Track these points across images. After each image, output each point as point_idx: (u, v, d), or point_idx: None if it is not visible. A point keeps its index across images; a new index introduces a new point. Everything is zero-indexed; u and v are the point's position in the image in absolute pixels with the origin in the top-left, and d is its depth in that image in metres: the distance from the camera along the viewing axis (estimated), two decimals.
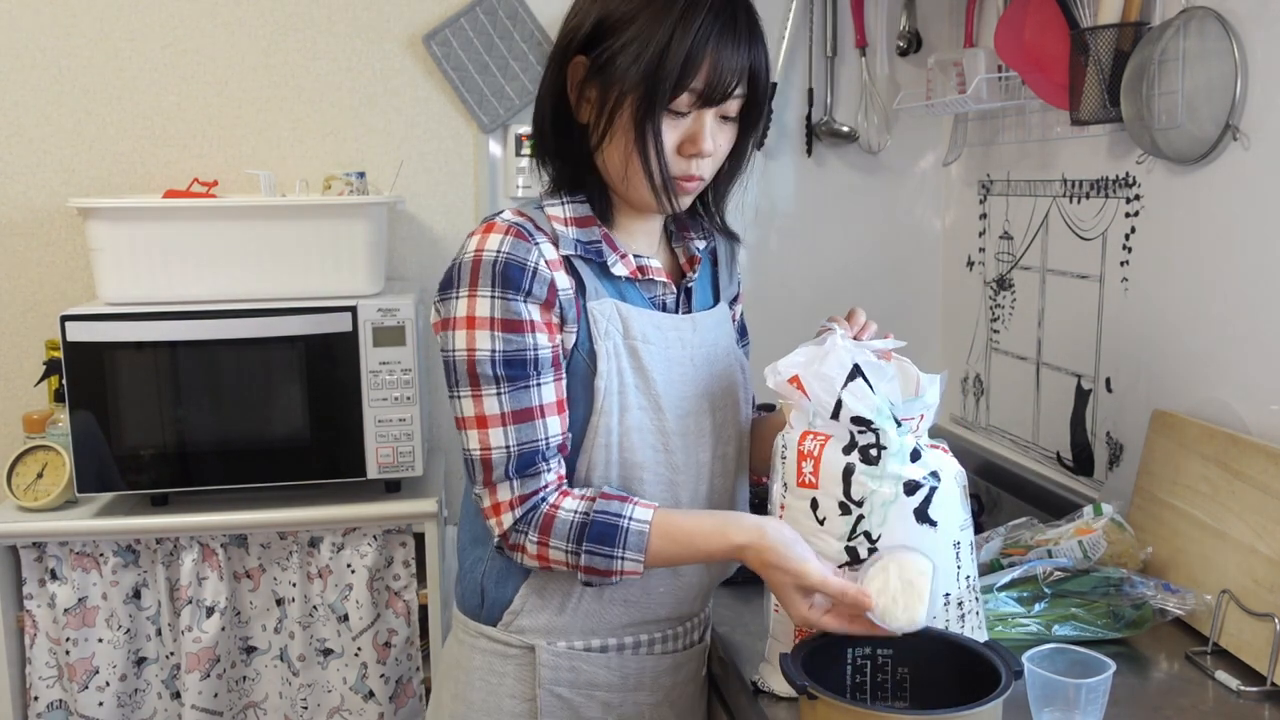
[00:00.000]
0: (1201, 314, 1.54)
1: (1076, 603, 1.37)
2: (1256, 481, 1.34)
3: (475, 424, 1.17)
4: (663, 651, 1.30)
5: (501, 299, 1.15)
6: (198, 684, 1.88)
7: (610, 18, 1.16)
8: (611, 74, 1.15)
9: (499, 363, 1.15)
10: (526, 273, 1.16)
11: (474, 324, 1.16)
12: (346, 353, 1.89)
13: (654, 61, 1.13)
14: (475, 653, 1.27)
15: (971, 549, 1.20)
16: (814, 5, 2.22)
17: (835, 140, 2.27)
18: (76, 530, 1.82)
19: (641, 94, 1.14)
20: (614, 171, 1.21)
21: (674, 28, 1.12)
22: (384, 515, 1.90)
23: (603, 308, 1.21)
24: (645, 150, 1.16)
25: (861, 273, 2.34)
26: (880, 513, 1.14)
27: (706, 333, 1.30)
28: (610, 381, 1.19)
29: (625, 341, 1.21)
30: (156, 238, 1.86)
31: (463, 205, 2.26)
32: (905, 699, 1.14)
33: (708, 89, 1.15)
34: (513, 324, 1.15)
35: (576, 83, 1.20)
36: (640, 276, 1.25)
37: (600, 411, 1.19)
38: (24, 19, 2.08)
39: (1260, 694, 1.23)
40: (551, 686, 1.25)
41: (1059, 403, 1.90)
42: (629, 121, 1.16)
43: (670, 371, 1.24)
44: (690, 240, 1.34)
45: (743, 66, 1.16)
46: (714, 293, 1.37)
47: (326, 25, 2.17)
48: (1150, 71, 1.52)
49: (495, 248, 1.16)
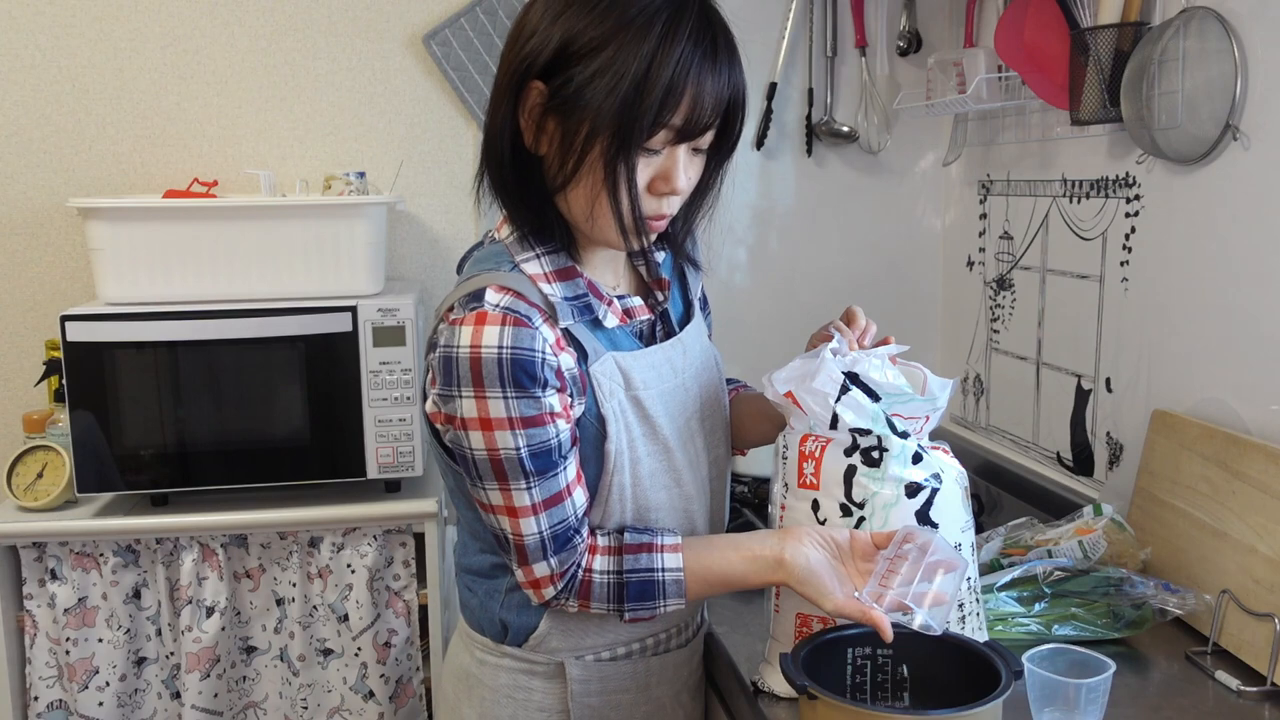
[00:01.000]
0: (1201, 314, 1.54)
1: (1076, 603, 1.37)
2: (1256, 481, 1.34)
3: (506, 513, 1.14)
4: (677, 646, 1.33)
5: (517, 399, 1.08)
6: (198, 684, 1.88)
7: (575, 42, 1.04)
8: (578, 107, 1.04)
9: (526, 459, 1.10)
10: (537, 364, 1.07)
11: (491, 425, 1.08)
12: (346, 353, 1.89)
13: (629, 96, 1.02)
14: (500, 671, 1.26)
15: (973, 549, 1.20)
16: (814, 5, 2.22)
17: (835, 140, 2.27)
18: (76, 530, 1.82)
19: (614, 131, 1.04)
20: (578, 212, 1.12)
21: (651, 58, 1.02)
22: (384, 515, 1.90)
23: (604, 368, 1.16)
24: (616, 192, 1.07)
25: (861, 273, 2.34)
26: (882, 515, 1.14)
27: (691, 344, 1.28)
28: (620, 442, 1.17)
29: (628, 394, 1.18)
30: (156, 238, 1.86)
31: (463, 205, 2.26)
32: (905, 699, 1.14)
33: (686, 125, 1.06)
34: (533, 420, 1.09)
35: (531, 110, 1.09)
36: (627, 321, 1.23)
37: (614, 470, 1.17)
38: (24, 19, 2.08)
39: (1260, 694, 1.23)
40: (582, 698, 1.25)
41: (1059, 403, 1.90)
42: (598, 160, 1.06)
43: (671, 407, 1.23)
44: (653, 261, 1.29)
45: (724, 98, 1.07)
46: (684, 301, 1.33)
47: (326, 25, 2.17)
48: (1150, 71, 1.52)
49: (495, 343, 1.06)
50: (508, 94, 1.10)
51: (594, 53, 1.03)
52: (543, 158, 1.12)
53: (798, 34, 2.25)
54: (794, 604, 1.20)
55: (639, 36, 1.02)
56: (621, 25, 1.03)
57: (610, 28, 1.03)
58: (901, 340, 1.25)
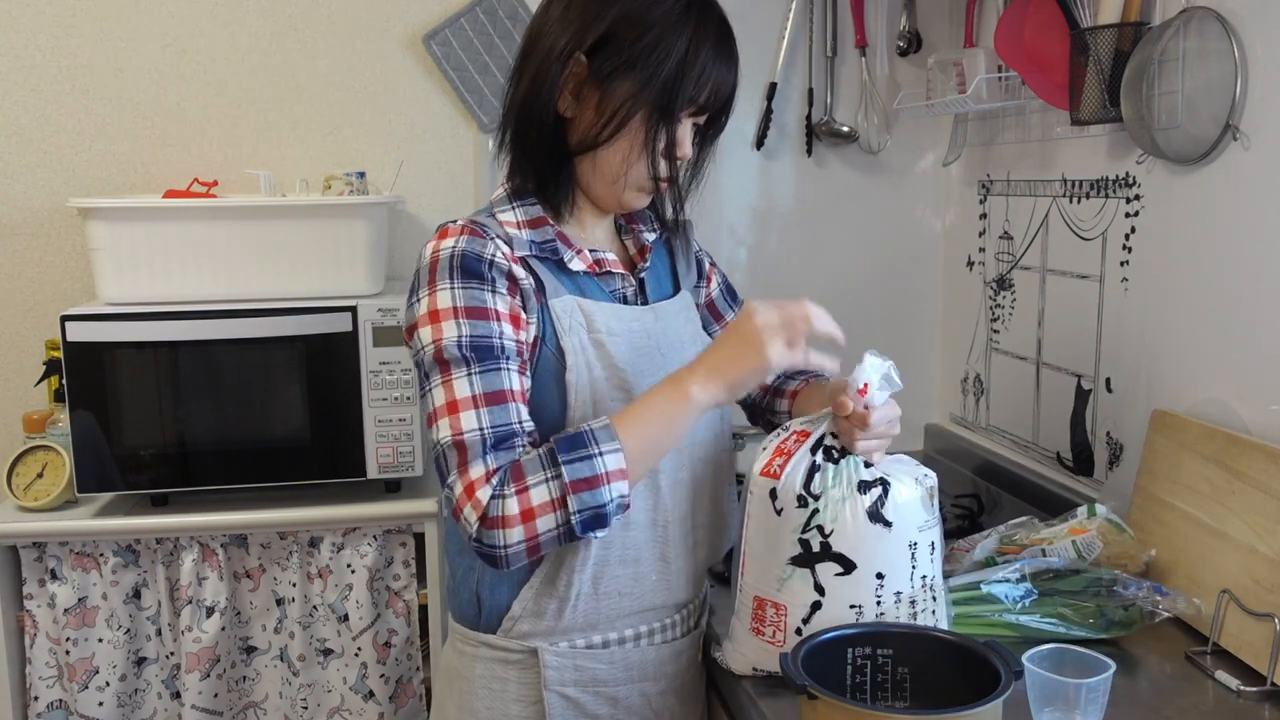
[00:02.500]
0: (1201, 314, 1.54)
1: (1065, 602, 1.37)
2: (1256, 481, 1.34)
3: (446, 410, 1.13)
4: (662, 641, 1.31)
5: (464, 289, 1.16)
6: (198, 684, 1.88)
7: (626, 22, 1.19)
8: (624, 79, 1.19)
9: (466, 345, 1.14)
10: (484, 263, 1.17)
11: (438, 317, 1.16)
12: (346, 353, 1.89)
13: (674, 73, 1.19)
14: (476, 662, 1.27)
15: (933, 549, 1.21)
16: (814, 5, 2.22)
17: (835, 140, 2.27)
18: (76, 530, 1.82)
19: (658, 102, 1.19)
20: (607, 169, 1.23)
21: (689, 41, 1.19)
22: (384, 515, 1.90)
23: (564, 304, 1.22)
24: (655, 154, 1.22)
25: (861, 273, 2.34)
26: (833, 509, 1.17)
27: (670, 320, 1.32)
28: (580, 375, 1.20)
29: (590, 335, 1.22)
30: (156, 238, 1.86)
31: (463, 205, 2.26)
32: (905, 699, 1.14)
33: (705, 102, 1.23)
34: (476, 310, 1.16)
35: (569, 79, 1.21)
36: (598, 270, 1.27)
37: (574, 405, 1.19)
38: (24, 19, 2.08)
39: (1260, 694, 1.23)
40: (558, 687, 1.25)
41: (1059, 403, 1.90)
42: (639, 126, 1.20)
43: (638, 362, 1.25)
44: (640, 232, 1.37)
45: (733, 83, 1.25)
46: (673, 282, 1.39)
47: (326, 25, 2.17)
48: (1150, 71, 1.52)
49: (451, 246, 1.18)
50: (556, 62, 1.20)
51: (643, 33, 1.18)
52: (569, 121, 1.23)
53: (798, 34, 2.24)
54: (752, 585, 1.23)
55: (680, 23, 1.19)
56: (661, 16, 1.19)
57: (658, 14, 1.19)
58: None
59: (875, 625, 1.16)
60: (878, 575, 1.17)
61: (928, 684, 1.13)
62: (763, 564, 1.22)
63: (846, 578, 1.17)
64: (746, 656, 1.26)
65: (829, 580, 1.18)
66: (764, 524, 1.22)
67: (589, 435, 1.13)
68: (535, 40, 1.23)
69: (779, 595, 1.20)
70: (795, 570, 1.19)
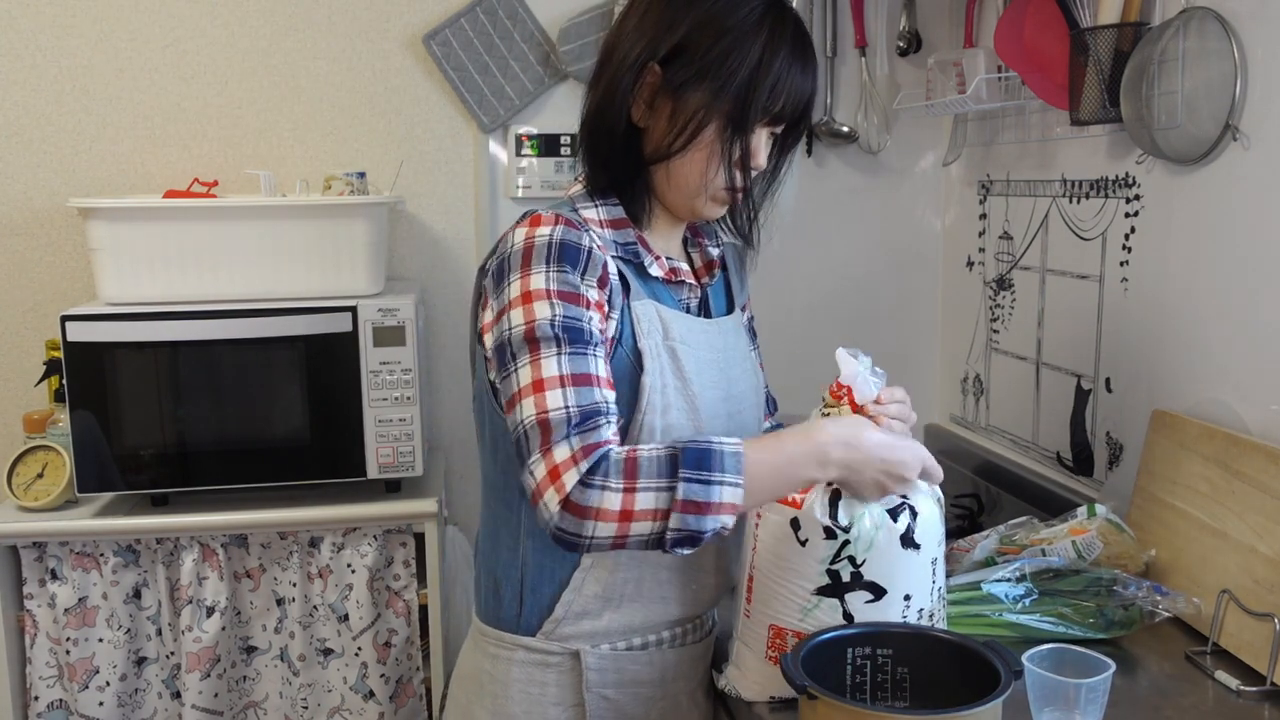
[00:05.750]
0: (1201, 314, 1.54)
1: (1065, 602, 1.37)
2: (1256, 481, 1.34)
3: (532, 389, 1.10)
4: (694, 641, 1.33)
5: (558, 273, 1.14)
6: (198, 684, 1.88)
7: (699, 31, 1.18)
8: (697, 89, 1.18)
9: (559, 325, 1.12)
10: (582, 253, 1.15)
11: (530, 298, 1.13)
12: (346, 353, 1.89)
13: (747, 82, 1.17)
14: (512, 665, 1.26)
15: (942, 562, 1.22)
16: (814, 5, 2.22)
17: (835, 140, 2.27)
18: (76, 530, 1.82)
19: (731, 112, 1.18)
20: (682, 178, 1.22)
21: (763, 50, 1.17)
22: (384, 515, 1.90)
23: (644, 308, 1.22)
24: (730, 165, 1.21)
25: (861, 273, 2.34)
26: (867, 538, 1.15)
27: (730, 335, 1.33)
28: (655, 379, 1.19)
29: (665, 343, 1.22)
30: (156, 238, 1.86)
31: (463, 205, 2.26)
32: (905, 699, 1.14)
33: (781, 112, 1.21)
34: (570, 295, 1.14)
35: (643, 89, 1.20)
36: (673, 278, 1.28)
37: (644, 409, 1.18)
38: (24, 19, 2.08)
39: (1260, 694, 1.23)
40: (599, 689, 1.25)
41: (1059, 403, 1.90)
42: (714, 136, 1.19)
43: (703, 375, 1.25)
44: (705, 246, 1.37)
45: (810, 92, 1.23)
46: (728, 299, 1.40)
47: (326, 25, 2.17)
48: (1150, 71, 1.52)
49: (548, 233, 1.15)
50: (630, 71, 1.20)
51: (716, 41, 1.17)
52: (643, 130, 1.23)
53: None
54: (767, 613, 1.21)
55: (754, 32, 1.18)
56: (736, 24, 1.18)
57: (728, 25, 1.18)
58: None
59: (875, 625, 1.15)
60: (905, 597, 1.17)
61: (927, 684, 1.13)
62: (778, 594, 1.19)
63: (877, 604, 1.16)
64: (761, 685, 1.24)
65: (859, 607, 1.16)
66: (780, 553, 1.18)
67: (718, 456, 1.08)
68: (611, 50, 1.23)
69: (801, 624, 1.18)
70: (823, 600, 1.16)
